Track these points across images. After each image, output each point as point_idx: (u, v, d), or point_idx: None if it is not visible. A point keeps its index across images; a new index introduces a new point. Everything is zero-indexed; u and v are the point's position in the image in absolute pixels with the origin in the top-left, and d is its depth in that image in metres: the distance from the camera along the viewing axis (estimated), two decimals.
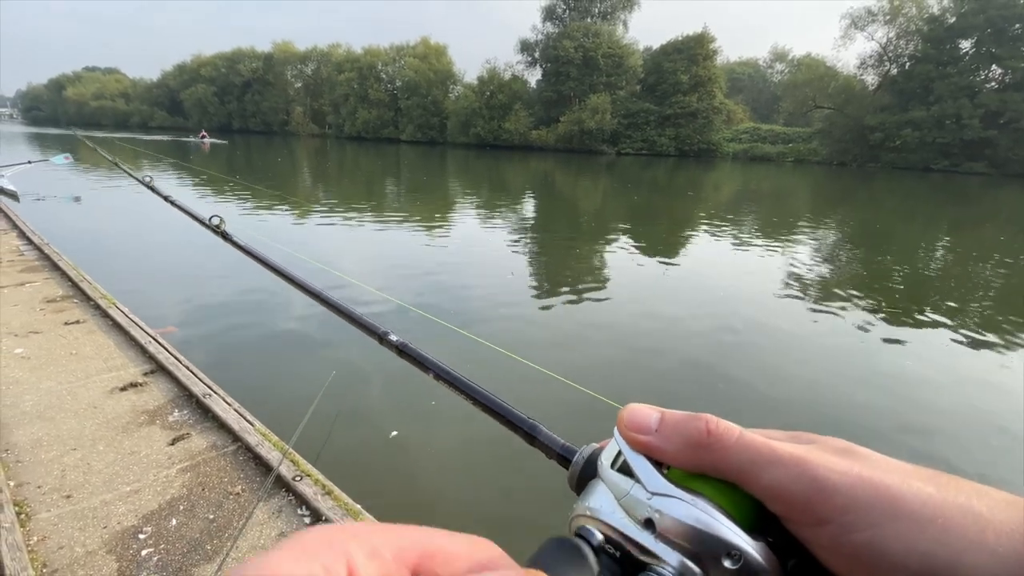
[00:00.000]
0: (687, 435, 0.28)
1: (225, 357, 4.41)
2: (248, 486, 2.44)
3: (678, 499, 0.27)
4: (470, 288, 6.73)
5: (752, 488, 0.26)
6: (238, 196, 13.82)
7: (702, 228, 12.34)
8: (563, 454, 0.36)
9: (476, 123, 51.02)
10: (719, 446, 0.27)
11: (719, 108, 45.23)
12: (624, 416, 0.30)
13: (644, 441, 0.29)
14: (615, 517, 0.28)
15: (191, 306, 5.63)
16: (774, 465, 0.25)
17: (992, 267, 9.51)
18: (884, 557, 0.22)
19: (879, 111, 39.35)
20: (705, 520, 0.26)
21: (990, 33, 36.46)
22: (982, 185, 29.00)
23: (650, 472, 0.28)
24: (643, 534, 0.27)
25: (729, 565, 0.25)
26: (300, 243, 8.97)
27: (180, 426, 2.90)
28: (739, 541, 0.25)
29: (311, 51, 68.72)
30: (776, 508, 0.25)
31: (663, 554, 0.26)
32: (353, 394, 3.79)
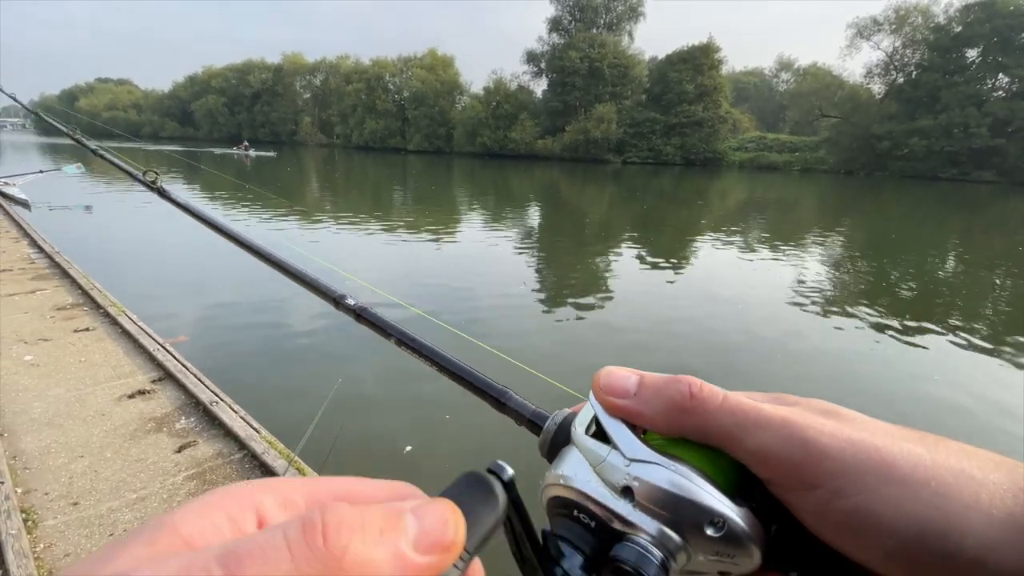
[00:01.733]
0: (668, 398, 0.27)
1: (233, 364, 4.42)
2: None
3: (658, 465, 0.26)
4: (478, 297, 6.74)
5: (737, 452, 0.25)
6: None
7: (709, 237, 12.31)
8: (534, 420, 0.35)
9: (482, 133, 51.35)
10: (703, 409, 0.26)
11: (725, 117, 45.28)
12: (600, 379, 0.28)
13: (622, 405, 0.27)
14: (590, 485, 0.27)
15: (201, 314, 5.67)
16: (761, 428, 0.24)
17: (1002, 276, 9.41)
18: (874, 522, 0.22)
19: (886, 120, 39.21)
20: (686, 486, 0.25)
21: (996, 42, 36.37)
22: (991, 194, 28.78)
23: (628, 438, 0.27)
24: (620, 502, 0.26)
25: (712, 533, 0.24)
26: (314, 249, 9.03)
27: (187, 433, 2.90)
28: (722, 508, 0.24)
29: (320, 62, 69.64)
30: (762, 472, 0.25)
31: (641, 523, 0.25)
32: (359, 402, 3.79)
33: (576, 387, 2.11)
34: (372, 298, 0.82)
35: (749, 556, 0.25)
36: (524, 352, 4.97)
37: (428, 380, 4.30)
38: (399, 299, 1.56)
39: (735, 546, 0.25)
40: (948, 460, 0.22)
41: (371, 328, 0.53)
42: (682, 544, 0.25)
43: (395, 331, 0.52)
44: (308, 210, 13.79)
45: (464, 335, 1.00)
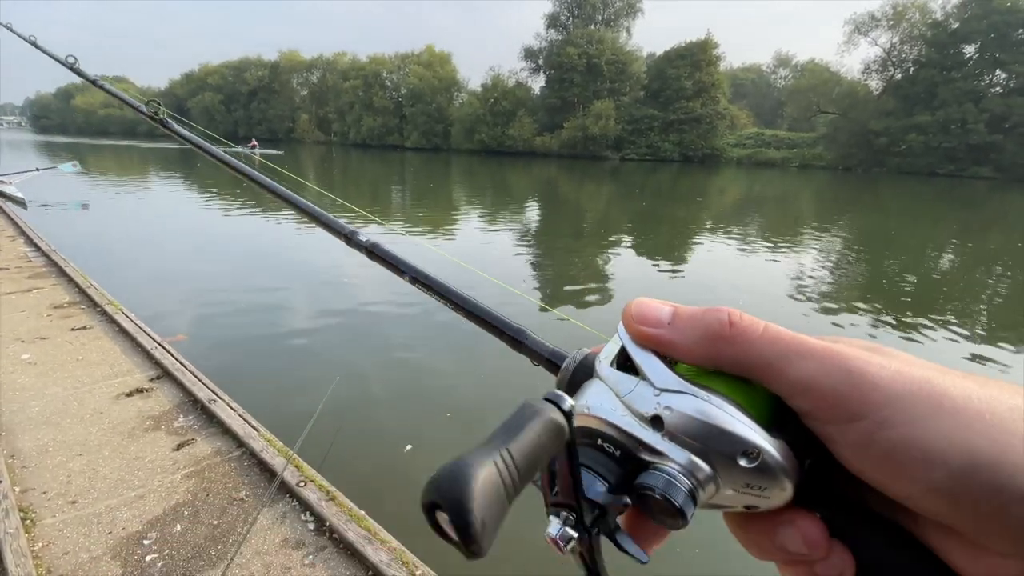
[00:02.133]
0: (705, 327, 0.26)
1: (231, 362, 4.42)
2: (252, 492, 2.44)
3: (690, 395, 0.25)
4: (477, 295, 6.74)
5: (776, 383, 0.24)
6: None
7: (708, 234, 12.31)
8: (552, 359, 0.34)
9: (480, 130, 51.28)
10: (742, 338, 0.25)
11: (723, 113, 45.26)
12: (632, 309, 0.27)
13: (654, 335, 0.27)
14: (616, 415, 0.27)
15: (200, 313, 5.66)
16: (804, 358, 0.23)
17: (1001, 272, 9.44)
18: (922, 453, 0.21)
19: (884, 116, 39.24)
20: (720, 416, 0.24)
21: (993, 38, 36.37)
22: (988, 189, 28.83)
23: (659, 367, 0.26)
24: (647, 431, 0.26)
25: (745, 464, 0.24)
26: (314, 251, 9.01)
27: (185, 431, 2.90)
28: (757, 439, 0.24)
29: (317, 59, 69.40)
30: (801, 403, 0.24)
31: (670, 452, 0.25)
32: (357, 399, 3.80)
33: None
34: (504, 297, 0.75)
35: (781, 490, 0.24)
36: None
37: (428, 376, 4.30)
38: (519, 291, 1.56)
39: (768, 478, 0.24)
40: (1002, 395, 0.21)
41: (384, 265, 0.50)
42: (712, 475, 0.25)
43: (408, 268, 0.49)
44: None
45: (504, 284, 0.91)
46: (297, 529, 2.21)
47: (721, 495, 0.25)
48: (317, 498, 2.30)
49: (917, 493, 0.21)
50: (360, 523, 2.20)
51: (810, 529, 0.25)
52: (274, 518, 2.27)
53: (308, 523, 2.24)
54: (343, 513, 2.24)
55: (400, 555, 2.07)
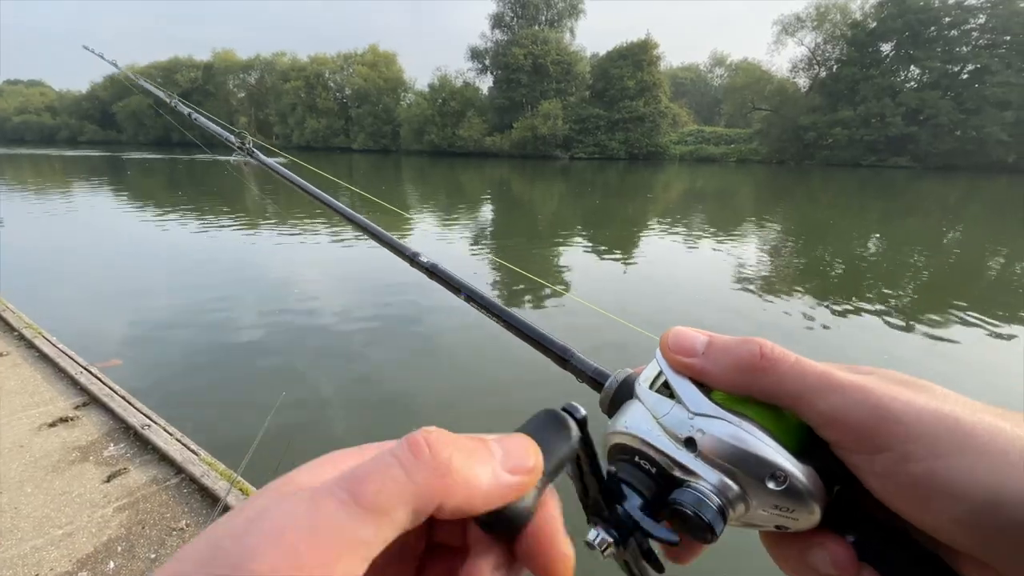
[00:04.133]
0: (738, 357, 0.27)
1: (169, 384, 4.17)
2: (194, 520, 2.31)
3: (723, 420, 0.26)
4: (434, 297, 6.66)
5: (806, 414, 0.25)
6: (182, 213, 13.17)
7: (656, 228, 12.70)
8: (595, 377, 0.36)
9: (430, 130, 50.74)
10: (773, 370, 0.26)
11: (665, 112, 46.75)
12: (668, 338, 0.29)
13: (689, 363, 0.28)
14: (653, 435, 0.28)
15: (135, 333, 5.29)
16: (833, 392, 0.24)
17: (920, 253, 10.24)
18: (945, 488, 0.21)
19: (811, 112, 41.72)
20: (750, 441, 0.25)
21: (908, 36, 39.40)
22: (906, 178, 31.17)
23: (694, 393, 0.28)
24: (682, 452, 0.27)
25: (773, 487, 0.25)
26: (252, 262, 8.64)
27: (117, 461, 2.72)
28: (784, 463, 0.25)
29: (254, 60, 66.61)
30: (829, 434, 0.25)
31: (702, 472, 0.26)
32: (308, 414, 3.67)
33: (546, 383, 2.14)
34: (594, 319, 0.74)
35: (809, 513, 0.25)
36: (486, 345, 4.96)
37: (387, 389, 4.21)
38: (610, 314, 1.53)
39: (795, 501, 0.25)
40: None
41: (441, 284, 0.56)
42: (741, 494, 0.26)
43: (464, 287, 0.54)
44: (249, 217, 13.19)
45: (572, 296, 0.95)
46: None
47: (752, 515, 0.26)
48: None
49: (941, 524, 0.22)
50: None
51: (839, 552, 0.26)
52: None
53: None
54: None
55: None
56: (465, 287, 0.54)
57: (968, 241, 11.84)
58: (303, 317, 5.77)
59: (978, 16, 37.62)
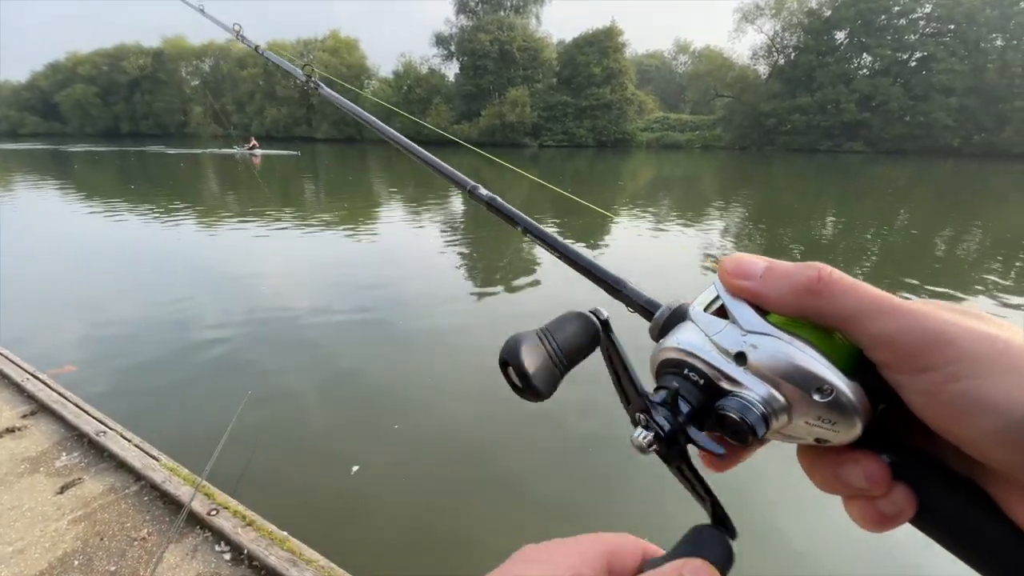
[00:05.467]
0: (796, 280, 0.27)
1: (127, 388, 3.98)
2: (156, 528, 2.22)
3: (774, 337, 0.27)
4: (407, 290, 6.55)
5: (858, 334, 0.26)
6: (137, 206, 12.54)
7: (626, 214, 12.83)
8: (646, 307, 0.37)
9: (395, 118, 49.75)
10: (830, 292, 0.26)
11: (631, 99, 47.09)
12: (728, 263, 0.30)
13: (746, 286, 0.29)
14: (703, 349, 0.29)
15: (88, 335, 5.01)
16: (886, 314, 0.25)
17: (874, 233, 10.68)
18: (986, 402, 0.22)
19: (771, 98, 42.76)
20: (800, 356, 0.26)
21: (860, 24, 40.70)
22: (861, 162, 32.39)
23: (749, 313, 0.29)
24: (731, 365, 0.28)
25: (818, 398, 0.26)
26: (222, 256, 8.33)
27: (70, 471, 2.58)
28: (832, 377, 0.26)
29: (207, 46, 63.73)
30: (879, 355, 0.26)
31: (750, 383, 0.28)
32: (275, 413, 3.56)
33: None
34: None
35: (851, 426, 0.26)
36: (462, 334, 4.92)
37: (361, 385, 4.12)
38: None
39: (839, 414, 0.26)
40: None
41: (500, 217, 0.58)
42: (786, 406, 0.27)
43: (522, 220, 0.55)
44: (207, 208, 12.67)
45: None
46: (211, 562, 2.05)
47: (794, 426, 0.28)
48: (232, 526, 2.13)
49: (980, 439, 0.23)
50: (282, 545, 2.08)
51: (873, 468, 0.27)
52: (183, 554, 2.08)
53: (223, 553, 2.07)
54: (263, 538, 2.10)
55: (329, 573, 1.98)
56: (522, 220, 0.55)
57: (917, 221, 12.41)
58: (269, 313, 5.59)
59: (924, 5, 39.17)
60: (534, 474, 3.07)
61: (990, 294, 6.38)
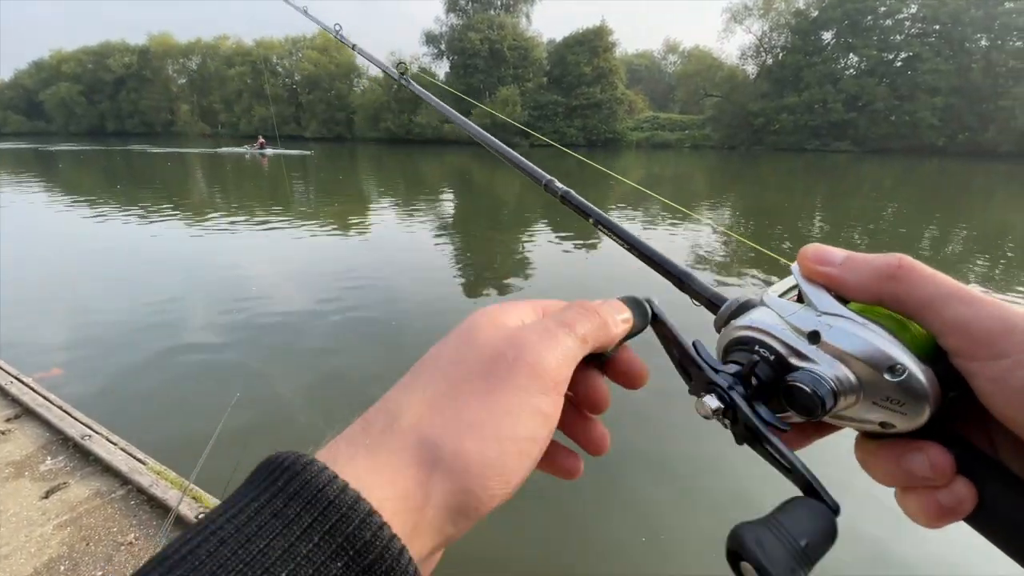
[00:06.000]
0: (875, 266, 0.28)
1: (113, 391, 3.93)
2: (143, 532, 2.19)
3: (849, 319, 0.28)
4: (402, 288, 6.53)
5: (932, 320, 0.26)
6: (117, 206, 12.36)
7: (616, 212, 12.84)
8: (713, 300, 0.38)
9: (385, 117, 49.49)
10: (909, 278, 0.27)
11: (621, 98, 47.23)
12: (808, 251, 0.31)
13: (825, 271, 0.30)
14: (776, 328, 0.30)
15: (75, 337, 4.93)
16: (962, 302, 0.26)
17: (861, 231, 10.82)
18: None
19: (760, 98, 43.11)
20: (874, 337, 0.27)
21: (847, 25, 41.16)
22: (847, 161, 32.76)
23: (825, 296, 0.29)
24: (803, 342, 0.29)
25: (890, 378, 0.26)
26: (204, 257, 8.24)
27: (55, 475, 2.54)
28: (904, 357, 0.26)
29: (194, 43, 62.97)
30: (953, 341, 0.26)
31: (821, 360, 0.28)
32: (264, 414, 3.54)
33: None
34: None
35: (919, 411, 0.26)
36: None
37: (354, 384, 4.09)
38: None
39: (909, 396, 0.26)
40: None
41: (573, 210, 0.60)
42: (857, 385, 0.27)
43: (594, 213, 0.57)
44: (196, 208, 12.53)
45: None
46: None
47: (861, 406, 0.28)
48: None
49: None
50: None
51: (938, 456, 0.27)
52: None
53: None
54: None
55: None
56: (594, 213, 0.57)
57: (903, 220, 12.57)
58: (256, 314, 5.54)
59: (910, 6, 39.70)
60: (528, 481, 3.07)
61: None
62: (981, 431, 0.27)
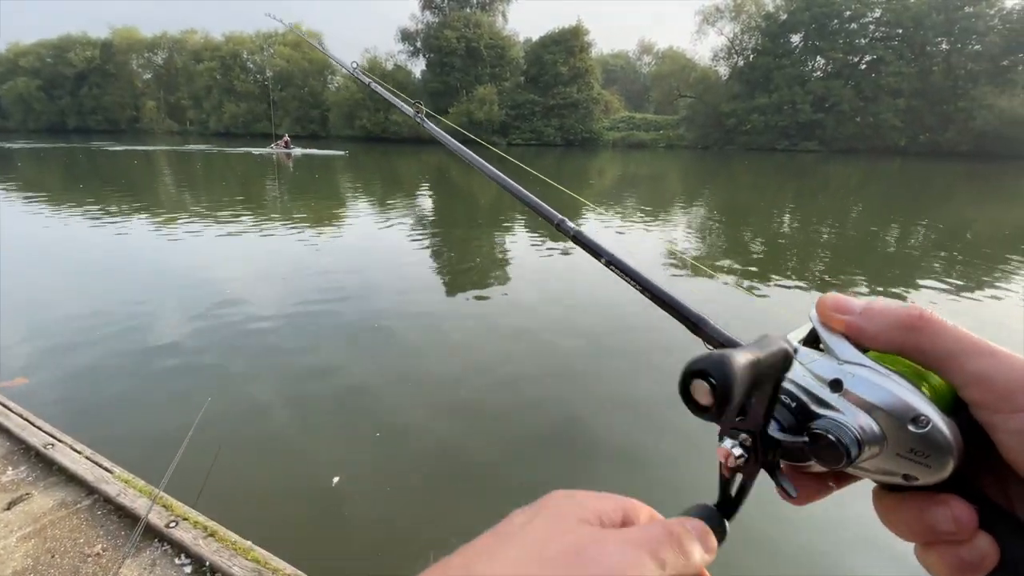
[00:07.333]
0: (895, 317, 0.28)
1: (79, 399, 3.80)
2: (111, 543, 2.14)
3: (870, 368, 0.28)
4: (379, 290, 6.46)
5: (954, 373, 0.26)
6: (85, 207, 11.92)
7: (592, 213, 12.99)
8: (726, 344, 0.37)
9: (361, 115, 48.81)
10: (929, 329, 0.27)
11: (597, 98, 47.60)
12: (827, 299, 0.31)
13: (845, 320, 0.29)
14: (797, 374, 0.29)
15: (40, 345, 4.70)
16: (983, 355, 0.26)
17: (828, 228, 11.16)
18: None
19: (731, 99, 44.02)
20: (896, 387, 0.27)
21: (815, 28, 42.34)
22: (815, 161, 33.71)
23: (845, 345, 0.29)
24: (826, 390, 0.28)
25: (913, 429, 0.26)
26: (174, 258, 8.01)
27: (17, 486, 2.45)
28: (927, 408, 0.26)
29: (160, 37, 60.96)
30: (975, 393, 0.26)
31: (845, 409, 0.28)
32: (236, 421, 3.47)
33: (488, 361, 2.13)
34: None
35: (943, 464, 0.26)
36: (434, 339, 4.89)
37: (330, 380, 4.04)
38: None
39: (933, 447, 0.26)
40: None
41: (585, 250, 0.60)
42: (880, 436, 0.27)
43: (605, 254, 0.56)
44: (165, 209, 12.17)
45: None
46: (172, 575, 1.99)
47: (884, 458, 0.27)
48: (192, 537, 2.07)
49: None
50: (247, 555, 2.03)
51: (962, 511, 0.27)
52: (141, 568, 2.01)
53: (184, 566, 2.02)
54: (226, 548, 2.05)
55: None
56: (606, 253, 0.56)
57: (868, 218, 13.01)
58: (230, 317, 5.42)
59: (874, 10, 41.03)
60: (522, 484, 3.09)
61: (935, 284, 6.76)
62: (997, 485, 0.27)
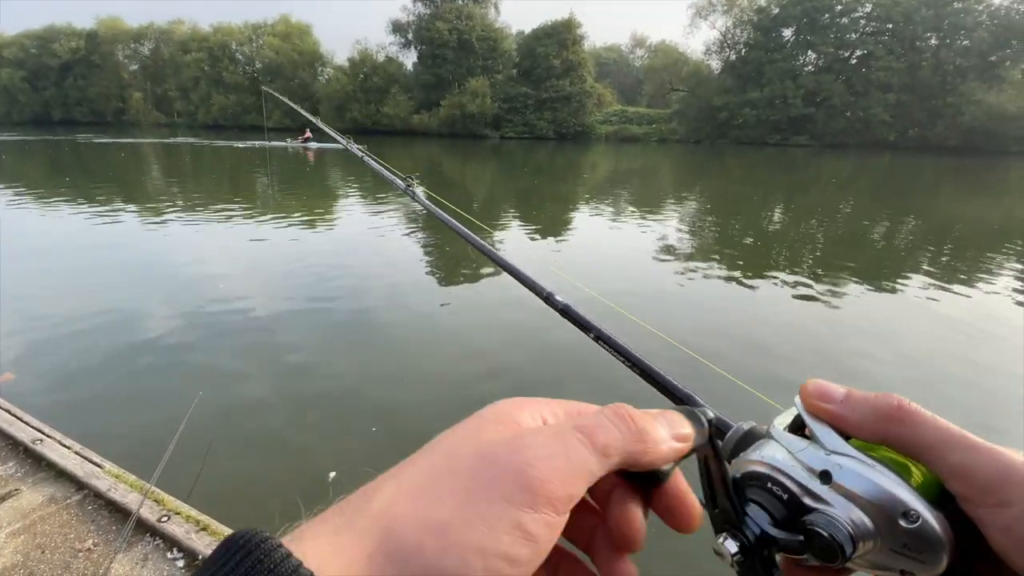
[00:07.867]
0: (876, 407, 0.28)
1: (69, 394, 3.76)
2: (102, 538, 2.12)
3: (857, 459, 0.28)
4: (372, 285, 6.43)
5: (936, 465, 0.27)
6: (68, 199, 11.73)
7: (585, 206, 13.00)
8: (719, 426, 0.38)
9: (352, 107, 48.45)
10: (911, 421, 0.27)
11: (590, 92, 47.51)
12: (809, 386, 0.31)
13: (828, 409, 0.30)
14: (787, 464, 0.30)
15: (27, 339, 4.61)
16: (965, 448, 0.26)
17: (818, 222, 11.25)
18: None
19: (723, 93, 44.11)
20: (884, 480, 0.27)
21: (806, 22, 42.49)
22: (806, 155, 33.94)
23: (831, 434, 0.29)
24: (816, 483, 0.28)
25: (904, 524, 0.26)
26: (164, 250, 7.92)
27: (5, 483, 2.43)
28: (917, 503, 0.26)
29: (147, 28, 60.04)
30: (958, 486, 0.26)
31: (835, 502, 0.28)
32: (227, 415, 3.45)
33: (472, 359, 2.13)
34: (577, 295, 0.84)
35: (937, 560, 0.26)
36: (430, 332, 4.89)
37: (321, 376, 4.03)
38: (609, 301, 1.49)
39: (925, 543, 0.26)
40: None
41: (573, 323, 0.60)
42: (873, 530, 0.27)
43: (594, 329, 0.57)
44: (150, 201, 12.01)
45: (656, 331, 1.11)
46: (164, 570, 1.98)
47: (879, 554, 0.27)
48: (185, 531, 2.07)
49: None
50: None
51: None
52: (133, 563, 2.00)
53: (176, 560, 2.01)
54: (218, 541, 2.05)
55: None
56: (595, 328, 0.57)
57: (858, 212, 13.13)
58: (221, 310, 5.38)
59: (865, 5, 41.22)
60: None
61: (923, 278, 6.85)
62: (993, 574, 0.27)
